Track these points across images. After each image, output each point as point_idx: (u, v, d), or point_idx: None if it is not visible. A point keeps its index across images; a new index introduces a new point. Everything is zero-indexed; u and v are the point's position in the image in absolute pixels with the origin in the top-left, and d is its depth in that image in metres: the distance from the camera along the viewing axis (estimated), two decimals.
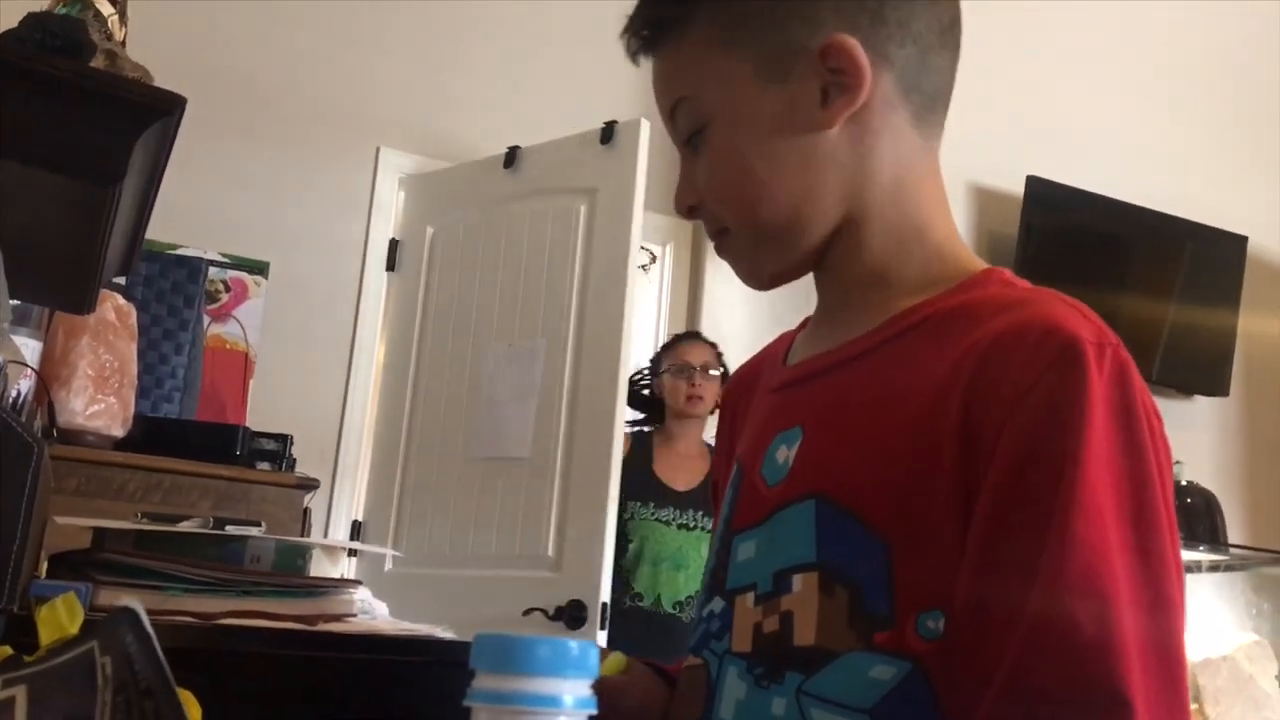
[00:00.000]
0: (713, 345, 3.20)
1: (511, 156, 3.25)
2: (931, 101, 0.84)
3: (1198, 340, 4.05)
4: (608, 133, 3.08)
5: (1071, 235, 3.95)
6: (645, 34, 0.84)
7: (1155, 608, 0.65)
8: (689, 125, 0.83)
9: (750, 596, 0.80)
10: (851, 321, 0.83)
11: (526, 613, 2.78)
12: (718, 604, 0.84)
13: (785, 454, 0.81)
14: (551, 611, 2.77)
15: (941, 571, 0.69)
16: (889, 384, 0.77)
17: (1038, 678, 0.64)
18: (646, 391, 3.19)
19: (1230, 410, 4.08)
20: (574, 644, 0.46)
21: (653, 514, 3.00)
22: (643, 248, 3.67)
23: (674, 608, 2.94)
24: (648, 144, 3.00)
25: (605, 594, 2.75)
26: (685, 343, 3.19)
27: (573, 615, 2.74)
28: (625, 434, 2.92)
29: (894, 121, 0.82)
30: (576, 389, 2.94)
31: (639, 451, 3.06)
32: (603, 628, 2.73)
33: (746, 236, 0.84)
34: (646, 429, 3.19)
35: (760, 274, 0.86)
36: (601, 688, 0.47)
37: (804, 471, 0.79)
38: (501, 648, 0.45)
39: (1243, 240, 4.10)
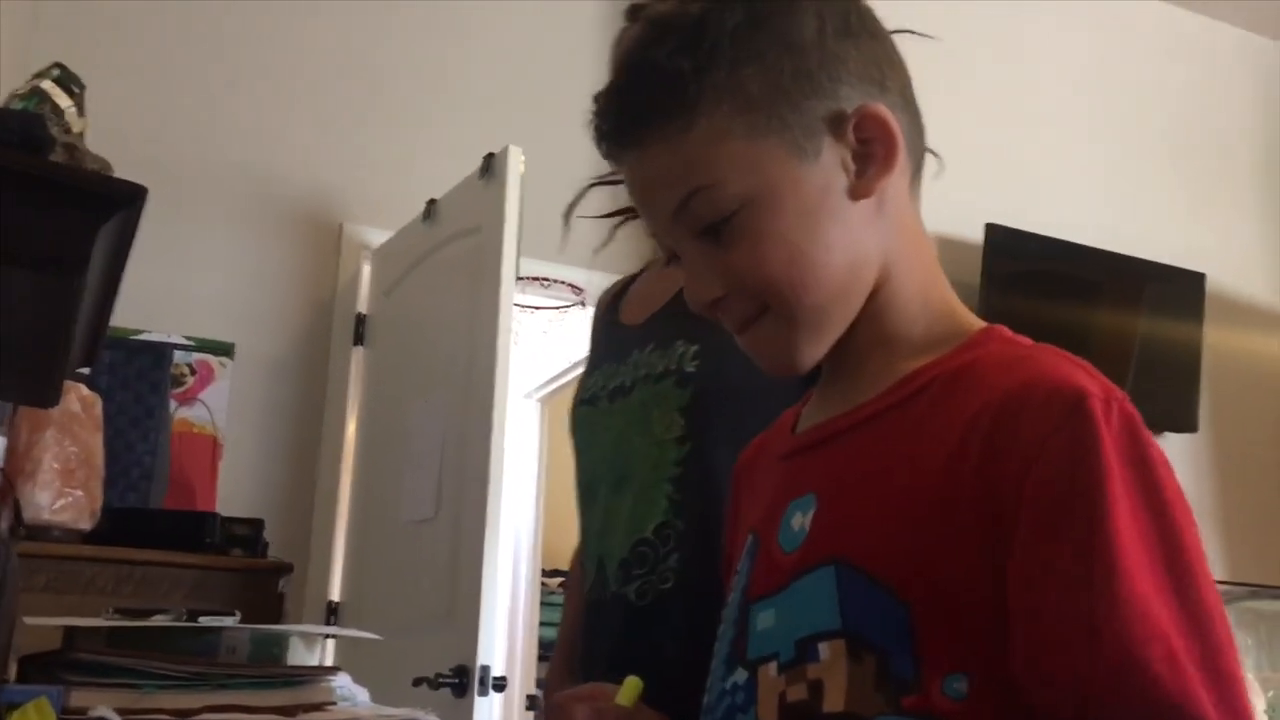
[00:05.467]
0: None
1: (429, 210, 3.20)
2: (919, 164, 0.86)
3: (1164, 378, 4.08)
4: (486, 166, 2.96)
5: (1033, 280, 3.99)
6: (635, 130, 0.81)
7: (1206, 646, 0.66)
8: (712, 214, 0.79)
9: (773, 666, 0.79)
10: (858, 386, 0.83)
11: (416, 683, 2.56)
12: (740, 675, 0.82)
13: (801, 520, 0.81)
14: (434, 679, 2.55)
15: (965, 633, 0.70)
16: (902, 447, 0.77)
17: None
18: None
19: (1201, 445, 4.11)
20: None
21: None
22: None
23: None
24: (519, 173, 2.85)
25: (486, 658, 2.53)
26: None
27: (460, 684, 2.53)
28: None
29: (902, 186, 0.84)
30: (462, 443, 2.79)
31: None
32: (483, 694, 2.51)
33: (788, 319, 0.81)
34: None
35: (798, 357, 0.83)
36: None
37: (821, 537, 0.79)
38: None
39: (1200, 277, 4.17)
